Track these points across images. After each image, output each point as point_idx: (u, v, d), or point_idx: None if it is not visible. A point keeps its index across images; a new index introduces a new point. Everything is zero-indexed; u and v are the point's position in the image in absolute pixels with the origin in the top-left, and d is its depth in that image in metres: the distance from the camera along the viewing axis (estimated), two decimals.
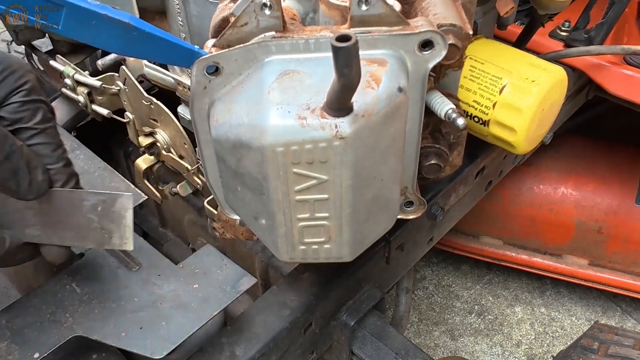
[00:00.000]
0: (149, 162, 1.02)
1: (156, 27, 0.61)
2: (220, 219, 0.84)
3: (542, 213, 1.65)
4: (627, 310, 1.84)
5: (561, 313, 1.84)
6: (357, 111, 0.58)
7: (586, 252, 1.69)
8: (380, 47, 0.62)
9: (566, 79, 0.97)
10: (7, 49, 1.57)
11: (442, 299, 1.88)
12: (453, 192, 1.10)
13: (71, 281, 0.80)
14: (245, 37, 0.63)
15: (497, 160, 1.22)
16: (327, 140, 0.58)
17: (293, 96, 0.59)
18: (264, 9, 0.61)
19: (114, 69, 0.98)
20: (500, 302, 1.87)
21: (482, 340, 1.78)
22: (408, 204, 0.80)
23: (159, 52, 0.61)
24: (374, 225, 0.73)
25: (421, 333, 1.79)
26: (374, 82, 0.60)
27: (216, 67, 0.62)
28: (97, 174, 0.98)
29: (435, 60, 0.63)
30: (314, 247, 0.70)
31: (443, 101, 0.72)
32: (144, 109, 0.94)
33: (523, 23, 1.29)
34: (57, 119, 1.21)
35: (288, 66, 0.61)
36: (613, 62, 1.23)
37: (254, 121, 0.59)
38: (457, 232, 1.77)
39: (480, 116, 0.97)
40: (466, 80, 0.97)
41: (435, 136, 0.82)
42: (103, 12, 0.58)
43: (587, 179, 1.64)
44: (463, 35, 0.67)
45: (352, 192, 0.64)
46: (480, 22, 1.04)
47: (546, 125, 0.99)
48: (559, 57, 1.20)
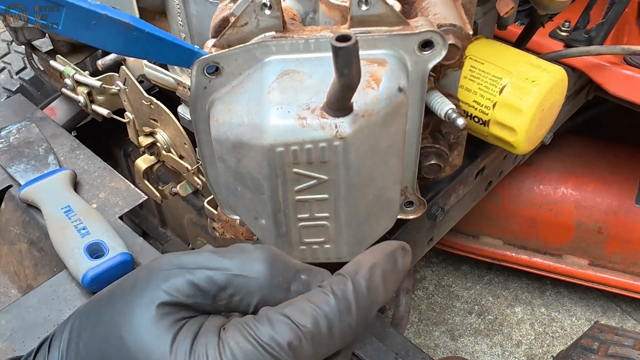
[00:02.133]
0: (149, 162, 1.02)
1: (156, 27, 0.61)
2: (220, 219, 0.84)
3: (542, 213, 1.65)
4: (627, 310, 1.84)
5: (561, 313, 1.84)
6: (357, 111, 0.58)
7: (586, 252, 1.69)
8: (380, 47, 0.62)
9: (566, 79, 0.97)
10: (7, 49, 1.56)
11: (442, 299, 1.88)
12: (453, 192, 1.10)
13: (71, 281, 0.80)
14: (245, 37, 0.63)
15: (497, 160, 1.22)
16: (327, 140, 0.58)
17: (293, 96, 0.59)
18: (264, 9, 0.61)
19: (114, 69, 0.98)
20: (500, 302, 1.87)
21: (482, 341, 1.78)
22: (408, 204, 0.80)
23: (159, 52, 0.61)
24: (374, 225, 0.73)
25: (421, 333, 1.79)
26: (374, 82, 0.60)
27: (216, 67, 0.62)
28: (97, 174, 0.98)
29: (435, 60, 0.63)
30: (314, 247, 0.70)
31: (443, 101, 0.72)
32: (144, 109, 0.94)
33: (523, 23, 1.29)
34: (57, 119, 1.22)
35: (288, 66, 0.61)
36: (613, 62, 1.23)
37: (254, 121, 0.59)
38: (457, 232, 1.77)
39: (480, 116, 0.97)
40: (466, 80, 0.97)
41: (435, 136, 0.82)
42: (103, 12, 0.58)
43: (587, 179, 1.64)
44: (463, 35, 0.67)
45: (352, 192, 0.64)
46: (481, 22, 1.04)
47: (546, 125, 0.99)
48: (559, 57, 1.20)
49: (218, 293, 0.42)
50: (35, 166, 0.97)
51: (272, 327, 0.39)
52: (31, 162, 0.98)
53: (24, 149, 1.01)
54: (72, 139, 1.05)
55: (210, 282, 0.42)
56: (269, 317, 0.40)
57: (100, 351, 0.41)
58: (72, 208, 0.86)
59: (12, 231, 0.95)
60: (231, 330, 0.40)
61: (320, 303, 0.40)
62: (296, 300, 0.41)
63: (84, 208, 0.87)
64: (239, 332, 0.39)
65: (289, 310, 0.40)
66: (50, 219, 0.86)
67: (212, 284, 0.42)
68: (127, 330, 0.40)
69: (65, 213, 0.86)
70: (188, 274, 0.42)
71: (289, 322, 0.39)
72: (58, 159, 1.00)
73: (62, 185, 0.92)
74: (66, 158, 1.01)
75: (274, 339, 0.39)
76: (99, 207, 0.92)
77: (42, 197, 0.90)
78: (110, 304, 0.42)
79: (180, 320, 0.41)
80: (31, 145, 1.02)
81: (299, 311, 0.40)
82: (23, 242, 0.93)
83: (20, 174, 0.96)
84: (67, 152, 1.02)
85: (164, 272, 0.42)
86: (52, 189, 0.91)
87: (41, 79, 1.23)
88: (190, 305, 0.41)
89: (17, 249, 0.94)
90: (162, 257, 0.44)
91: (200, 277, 0.42)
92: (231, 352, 0.38)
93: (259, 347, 0.38)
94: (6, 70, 1.51)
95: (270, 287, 0.42)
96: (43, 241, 0.90)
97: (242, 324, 0.40)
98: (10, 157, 0.99)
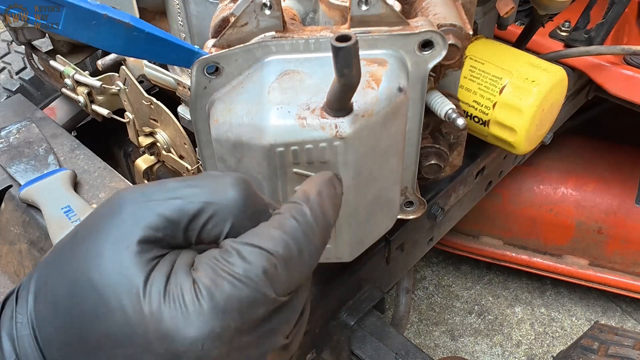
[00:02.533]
0: (149, 162, 1.02)
1: (156, 27, 0.60)
2: None
3: (542, 213, 1.65)
4: (627, 310, 1.84)
5: (561, 313, 1.84)
6: (357, 111, 0.58)
7: (586, 252, 1.69)
8: (380, 47, 0.62)
9: (566, 79, 0.97)
10: (7, 49, 1.56)
11: (442, 299, 1.88)
12: (453, 192, 1.10)
13: None
14: (245, 37, 0.63)
15: (497, 160, 1.22)
16: (327, 140, 0.58)
17: (293, 96, 0.59)
18: (264, 9, 0.61)
19: (114, 69, 0.98)
20: (500, 302, 1.87)
21: (482, 341, 1.78)
22: (408, 204, 0.79)
23: (159, 52, 0.61)
24: (374, 225, 0.73)
25: (421, 333, 1.79)
26: (374, 82, 0.60)
27: (216, 67, 0.62)
28: (97, 174, 0.98)
29: (436, 61, 0.63)
30: None
31: (443, 101, 0.72)
32: (144, 109, 0.94)
33: (523, 23, 1.30)
34: (57, 119, 1.22)
35: (288, 66, 0.61)
36: (613, 62, 1.23)
37: (254, 121, 0.59)
38: (457, 232, 1.77)
39: (480, 116, 0.97)
40: (466, 80, 0.97)
41: (435, 136, 0.82)
42: (103, 12, 0.58)
43: (587, 179, 1.64)
44: (463, 35, 0.67)
45: (352, 192, 0.64)
46: (481, 22, 1.04)
47: (546, 125, 0.99)
48: (559, 57, 1.20)
49: (189, 223, 0.39)
50: (35, 166, 0.97)
51: (244, 259, 0.38)
52: (31, 162, 0.98)
53: (24, 149, 1.01)
54: (72, 139, 1.05)
55: (181, 212, 0.39)
56: (238, 250, 0.38)
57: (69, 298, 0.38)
58: (72, 208, 0.86)
59: (12, 231, 0.95)
60: (202, 268, 0.38)
61: (286, 228, 0.40)
62: (258, 230, 0.40)
63: (84, 208, 0.87)
64: (211, 270, 0.38)
65: (257, 239, 0.39)
66: (50, 219, 0.86)
67: (183, 214, 0.39)
68: (96, 272, 0.37)
69: (65, 213, 0.86)
70: (156, 206, 0.39)
71: (260, 250, 0.38)
72: (58, 159, 1.00)
73: (62, 185, 0.92)
74: (66, 158, 1.01)
75: (249, 270, 0.37)
76: None
77: (42, 197, 0.90)
78: (75, 247, 0.40)
79: (151, 260, 0.38)
80: (31, 145, 1.02)
81: (268, 238, 0.39)
82: (23, 242, 0.93)
83: (20, 174, 0.96)
84: (67, 152, 1.02)
85: (129, 207, 0.39)
86: (52, 189, 0.91)
87: (41, 79, 1.23)
88: (160, 240, 0.39)
89: (17, 249, 0.94)
90: (125, 191, 0.41)
91: (169, 208, 0.39)
92: (207, 292, 0.37)
93: (236, 281, 0.37)
94: (6, 70, 1.51)
95: (243, 217, 0.41)
96: (43, 241, 0.90)
97: (213, 260, 0.38)
98: (10, 157, 0.99)
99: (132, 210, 0.39)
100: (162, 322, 0.36)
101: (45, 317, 0.39)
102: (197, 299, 0.36)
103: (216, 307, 0.37)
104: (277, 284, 0.38)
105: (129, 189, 0.41)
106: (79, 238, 0.40)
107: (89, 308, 0.37)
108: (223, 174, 0.42)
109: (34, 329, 0.39)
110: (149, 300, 0.36)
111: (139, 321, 0.36)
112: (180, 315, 0.36)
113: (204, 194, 0.40)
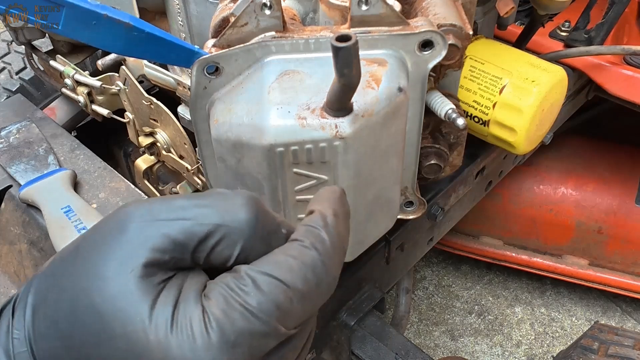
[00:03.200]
0: (149, 162, 1.02)
1: (156, 27, 0.60)
2: None
3: (542, 213, 1.65)
4: (627, 310, 1.84)
5: (561, 313, 1.84)
6: (357, 111, 0.58)
7: (586, 252, 1.69)
8: (380, 47, 0.62)
9: (566, 79, 0.97)
10: (7, 49, 1.56)
11: (442, 299, 1.88)
12: (453, 192, 1.10)
13: None
14: (245, 37, 0.63)
15: (497, 160, 1.22)
16: (327, 140, 0.58)
17: (293, 96, 0.59)
18: (264, 9, 0.61)
19: (114, 69, 0.98)
20: (500, 303, 1.87)
21: (482, 341, 1.78)
22: (408, 204, 0.80)
23: (159, 52, 0.61)
24: (374, 225, 0.73)
25: (421, 333, 1.79)
26: (374, 82, 0.60)
27: (216, 67, 0.62)
28: (97, 174, 0.98)
29: (435, 61, 0.63)
30: None
31: (443, 101, 0.72)
32: (144, 109, 0.94)
33: (523, 23, 1.29)
34: (57, 119, 1.22)
35: (288, 66, 0.61)
36: (613, 62, 1.23)
37: (254, 121, 0.59)
38: (457, 232, 1.77)
39: (480, 116, 0.97)
40: (466, 80, 0.97)
41: (435, 136, 0.82)
42: (103, 12, 0.58)
43: (587, 179, 1.64)
44: (463, 35, 0.67)
45: (353, 192, 0.64)
46: (481, 22, 1.04)
47: (546, 125, 0.99)
48: (559, 57, 1.20)
49: (198, 245, 0.37)
50: (35, 166, 0.97)
51: (259, 289, 0.35)
52: (31, 162, 0.98)
53: (24, 149, 1.01)
54: (72, 139, 1.05)
55: (190, 234, 0.37)
56: (254, 279, 0.36)
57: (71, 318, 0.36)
58: (72, 208, 0.86)
59: (12, 231, 0.95)
60: (214, 296, 0.36)
61: (306, 259, 0.37)
62: (275, 256, 0.38)
63: (84, 208, 0.87)
64: (223, 299, 0.35)
65: (276, 269, 0.36)
66: (50, 219, 0.86)
67: (192, 236, 0.37)
68: (100, 296, 0.35)
69: (65, 213, 0.86)
70: (163, 226, 0.37)
71: (277, 282, 0.36)
72: (58, 159, 1.00)
73: (62, 185, 0.92)
74: (66, 158, 1.01)
75: (263, 303, 0.35)
76: (99, 207, 0.92)
77: (42, 197, 0.90)
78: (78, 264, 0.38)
79: (157, 285, 0.36)
80: (31, 145, 1.02)
81: (286, 269, 0.37)
82: (23, 242, 0.93)
83: (20, 174, 0.96)
84: (67, 152, 1.02)
85: (135, 225, 0.37)
86: (52, 189, 0.91)
87: (41, 79, 1.23)
88: (166, 262, 0.37)
89: (17, 249, 0.94)
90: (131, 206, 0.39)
91: (177, 229, 0.37)
92: (218, 324, 0.35)
93: (249, 315, 0.35)
94: (6, 70, 1.51)
95: (254, 239, 0.38)
96: (43, 241, 0.90)
97: (226, 288, 0.36)
98: (10, 157, 0.99)
99: (138, 229, 0.37)
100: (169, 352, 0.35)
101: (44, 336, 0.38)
102: (207, 332, 0.35)
103: (226, 341, 0.35)
104: (290, 319, 0.37)
105: (135, 204, 0.39)
106: (81, 253, 0.38)
107: (92, 332, 0.36)
108: (233, 193, 0.40)
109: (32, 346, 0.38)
110: (155, 328, 0.35)
111: (144, 349, 0.35)
112: (187, 347, 0.34)
113: (214, 216, 0.38)
